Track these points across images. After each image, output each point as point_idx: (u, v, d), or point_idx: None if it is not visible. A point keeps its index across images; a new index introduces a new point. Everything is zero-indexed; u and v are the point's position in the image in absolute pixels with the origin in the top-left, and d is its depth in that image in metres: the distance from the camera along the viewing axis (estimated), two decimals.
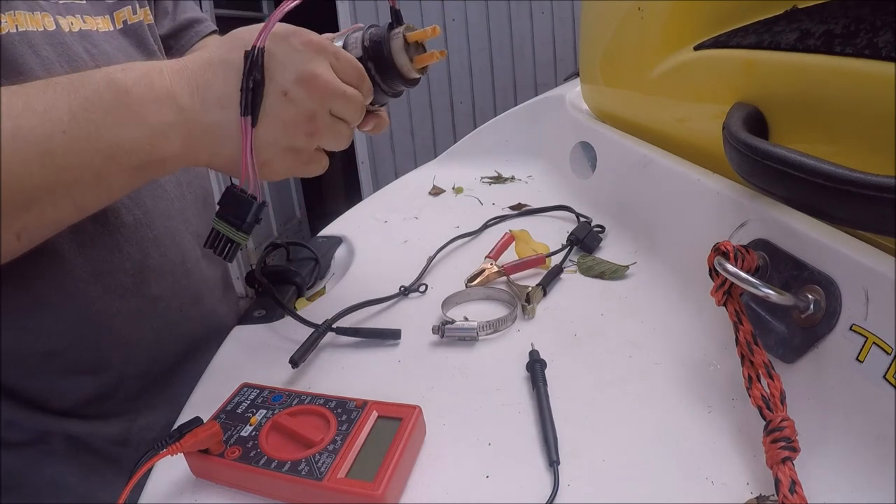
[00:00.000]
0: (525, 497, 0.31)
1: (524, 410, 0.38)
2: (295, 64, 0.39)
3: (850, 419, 0.30)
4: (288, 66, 0.39)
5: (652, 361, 0.42)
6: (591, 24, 0.78)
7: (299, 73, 0.39)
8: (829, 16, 0.37)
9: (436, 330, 0.47)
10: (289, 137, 0.41)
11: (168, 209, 0.56)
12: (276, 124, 0.40)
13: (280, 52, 0.39)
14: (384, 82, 0.45)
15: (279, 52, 0.39)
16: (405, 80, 0.45)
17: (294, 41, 0.40)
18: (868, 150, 0.34)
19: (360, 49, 0.44)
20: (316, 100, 0.40)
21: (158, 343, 0.55)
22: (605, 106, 0.78)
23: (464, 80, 3.12)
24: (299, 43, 0.40)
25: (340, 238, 0.74)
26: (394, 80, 0.45)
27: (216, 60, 0.40)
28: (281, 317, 0.53)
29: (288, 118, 0.40)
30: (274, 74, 0.39)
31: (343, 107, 0.42)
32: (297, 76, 0.39)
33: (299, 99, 0.40)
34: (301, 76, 0.39)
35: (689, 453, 0.33)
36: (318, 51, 0.40)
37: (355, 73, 0.42)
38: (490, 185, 0.92)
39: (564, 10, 2.93)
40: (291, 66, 0.39)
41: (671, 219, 0.55)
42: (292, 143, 0.41)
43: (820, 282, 0.33)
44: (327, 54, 0.41)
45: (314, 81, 0.40)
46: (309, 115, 0.40)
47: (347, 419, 0.35)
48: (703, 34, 0.50)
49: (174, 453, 0.32)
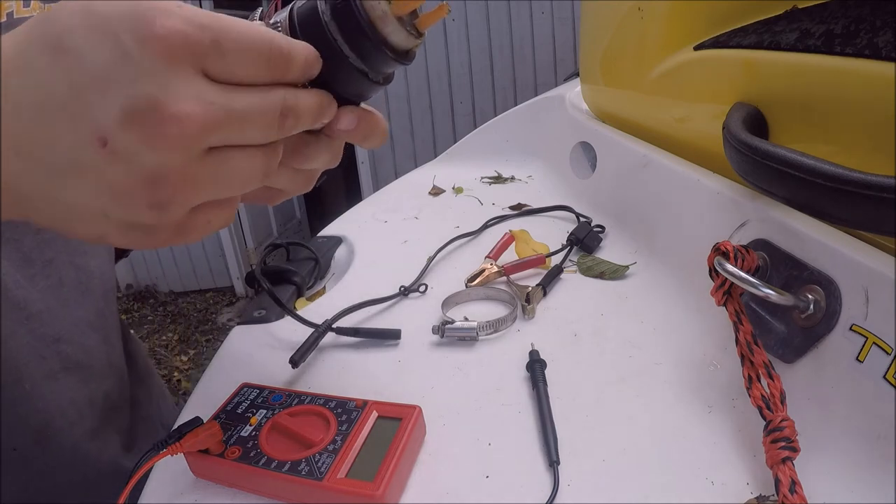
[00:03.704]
0: (525, 497, 0.31)
1: (524, 410, 0.38)
2: (121, 85, 0.22)
3: (850, 419, 0.30)
4: (108, 89, 0.22)
5: (652, 361, 0.42)
6: (591, 25, 0.78)
7: (128, 102, 0.22)
8: (829, 16, 0.37)
9: (436, 330, 0.47)
10: (121, 209, 0.24)
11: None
12: (92, 188, 0.24)
13: (93, 57, 0.22)
14: (361, 57, 0.28)
15: (92, 57, 0.22)
16: (392, 48, 0.28)
17: (126, 38, 0.22)
18: (868, 150, 0.34)
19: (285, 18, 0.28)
20: (163, 149, 0.23)
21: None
22: (605, 106, 0.78)
23: (464, 80, 3.12)
24: (133, 40, 0.22)
25: (340, 238, 0.74)
26: (374, 51, 0.28)
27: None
28: (281, 317, 0.53)
29: (115, 182, 0.23)
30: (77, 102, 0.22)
31: (240, 131, 0.25)
32: (123, 109, 0.22)
33: (129, 151, 0.22)
34: (131, 109, 0.22)
35: (689, 453, 0.33)
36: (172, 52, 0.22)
37: (262, 58, 0.24)
38: (490, 185, 0.92)
39: (564, 11, 2.94)
40: (115, 90, 0.22)
41: (671, 219, 0.55)
42: (131, 217, 0.25)
43: (820, 282, 0.33)
44: (195, 52, 0.23)
45: (155, 117, 0.22)
46: (150, 176, 0.23)
47: (347, 419, 0.35)
48: (703, 34, 0.50)
49: (174, 453, 0.32)
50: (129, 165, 0.23)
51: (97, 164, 0.23)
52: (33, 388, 0.42)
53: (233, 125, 0.24)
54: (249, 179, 0.26)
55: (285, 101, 0.26)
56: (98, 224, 0.25)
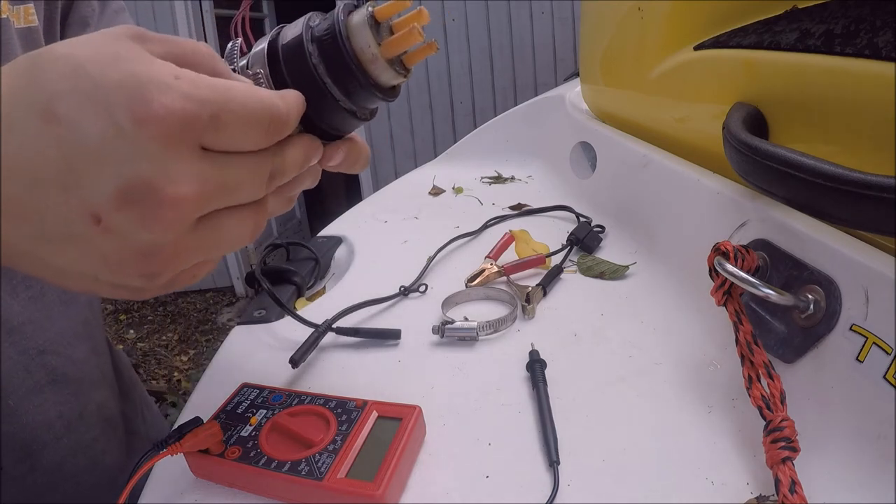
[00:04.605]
0: (525, 497, 0.31)
1: (524, 410, 0.38)
2: (116, 163, 0.21)
3: (850, 419, 0.30)
4: (103, 166, 0.21)
5: (652, 361, 0.42)
6: (591, 25, 0.78)
7: (124, 183, 0.21)
8: (829, 16, 0.37)
9: (436, 330, 0.47)
10: (113, 276, 0.25)
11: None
12: (84, 257, 0.23)
13: (87, 130, 0.21)
14: (348, 96, 0.28)
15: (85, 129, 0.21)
16: (380, 87, 0.28)
17: (121, 114, 0.20)
18: (868, 150, 0.34)
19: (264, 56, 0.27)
20: (158, 228, 0.22)
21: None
22: (605, 106, 0.78)
23: (464, 80, 3.12)
24: (129, 119, 0.20)
25: (340, 238, 0.73)
26: (362, 91, 0.28)
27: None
28: (281, 317, 0.53)
29: (108, 255, 0.23)
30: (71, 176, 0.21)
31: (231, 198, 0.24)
32: (118, 189, 0.21)
33: (123, 230, 0.22)
34: (126, 191, 0.21)
35: (689, 453, 0.33)
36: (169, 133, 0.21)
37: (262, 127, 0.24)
38: (490, 185, 0.92)
39: (564, 11, 2.94)
40: (109, 168, 0.21)
41: (671, 219, 0.55)
42: (123, 282, 0.25)
43: (820, 282, 0.33)
44: (194, 131, 0.22)
45: (151, 200, 0.21)
46: (144, 252, 0.23)
47: (347, 419, 0.35)
48: (703, 34, 0.50)
49: (174, 453, 0.32)
50: (123, 242, 0.23)
51: (90, 238, 0.22)
52: (18, 403, 0.41)
53: (227, 195, 0.24)
54: (240, 240, 0.26)
55: (274, 164, 0.25)
56: (88, 284, 0.25)
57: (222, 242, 0.25)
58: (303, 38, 0.27)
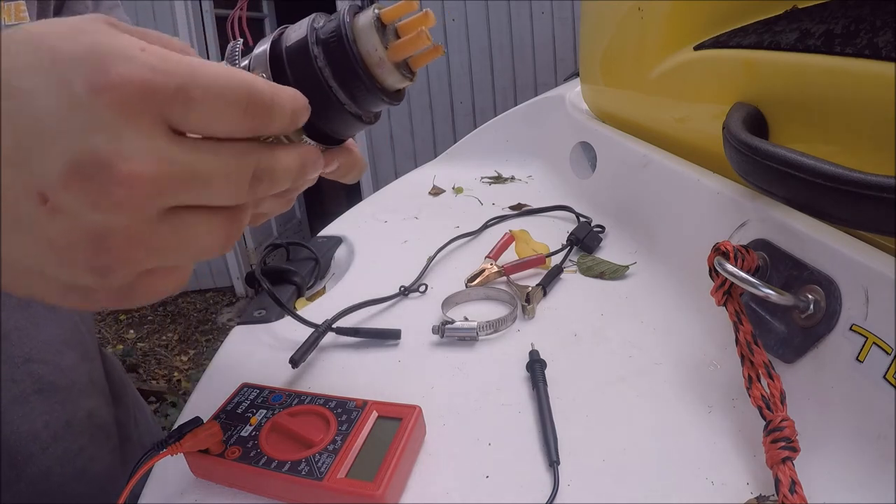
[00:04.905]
0: (525, 497, 0.31)
1: (524, 410, 0.38)
2: (68, 137, 0.19)
3: (850, 419, 0.30)
4: (54, 141, 0.19)
5: (652, 361, 0.42)
6: (591, 25, 0.78)
7: (74, 158, 0.19)
8: (829, 16, 0.37)
9: (436, 330, 0.47)
10: (60, 269, 0.22)
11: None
12: (30, 243, 0.21)
13: (40, 103, 0.19)
14: (354, 100, 0.27)
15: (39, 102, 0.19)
16: (386, 91, 0.28)
17: (78, 84, 0.19)
18: (868, 150, 0.34)
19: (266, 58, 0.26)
20: (109, 211, 0.20)
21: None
22: (604, 106, 0.78)
23: (464, 80, 3.12)
24: (86, 88, 0.19)
25: (340, 238, 0.74)
26: (368, 95, 0.27)
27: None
28: (281, 317, 0.53)
29: (55, 239, 0.21)
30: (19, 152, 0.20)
31: (202, 193, 0.22)
32: (67, 164, 0.19)
33: (72, 210, 0.20)
34: (76, 166, 0.19)
35: (689, 453, 0.33)
36: (127, 103, 0.19)
37: (238, 108, 0.21)
38: (490, 185, 0.92)
39: (564, 11, 2.94)
40: (61, 142, 0.19)
41: (671, 219, 0.55)
42: (70, 279, 0.22)
43: (820, 282, 0.33)
44: (156, 102, 0.20)
45: (101, 176, 0.19)
46: (94, 238, 0.21)
47: (347, 419, 0.35)
48: (703, 34, 0.50)
49: (174, 453, 0.32)
50: (72, 223, 0.20)
51: (37, 219, 0.20)
52: (3, 413, 0.40)
53: (195, 187, 0.21)
54: (207, 249, 0.23)
55: (259, 164, 0.23)
56: (33, 281, 0.23)
57: (186, 246, 0.23)
58: (307, 40, 0.26)
